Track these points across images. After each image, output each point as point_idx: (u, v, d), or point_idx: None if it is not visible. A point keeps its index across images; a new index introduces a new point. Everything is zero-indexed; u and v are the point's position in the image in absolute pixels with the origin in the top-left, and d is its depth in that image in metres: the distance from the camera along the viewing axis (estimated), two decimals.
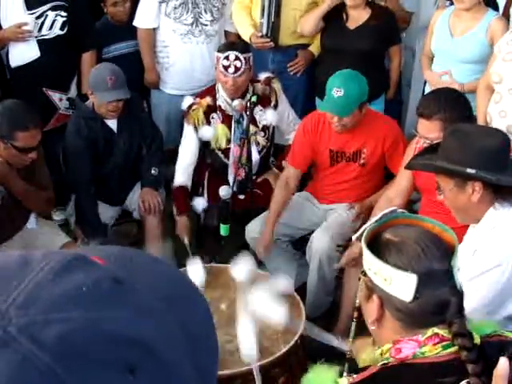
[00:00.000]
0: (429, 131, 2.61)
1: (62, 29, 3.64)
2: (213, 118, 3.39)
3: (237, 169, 3.33)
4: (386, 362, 1.29)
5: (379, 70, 3.81)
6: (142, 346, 0.45)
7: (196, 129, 3.38)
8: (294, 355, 2.32)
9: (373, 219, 1.37)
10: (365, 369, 1.30)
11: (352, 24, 3.66)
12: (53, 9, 3.60)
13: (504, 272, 1.95)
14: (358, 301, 1.38)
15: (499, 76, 2.97)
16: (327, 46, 3.78)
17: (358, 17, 3.64)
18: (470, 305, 1.89)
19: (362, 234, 1.35)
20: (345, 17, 3.66)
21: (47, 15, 3.60)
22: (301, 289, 3.08)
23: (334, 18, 3.68)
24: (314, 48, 3.90)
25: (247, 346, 2.01)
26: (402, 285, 1.25)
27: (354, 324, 1.49)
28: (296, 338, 2.34)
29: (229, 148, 3.43)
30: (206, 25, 3.81)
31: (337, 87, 2.92)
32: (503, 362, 1.16)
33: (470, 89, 3.22)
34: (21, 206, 3.04)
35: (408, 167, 2.40)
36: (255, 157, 3.41)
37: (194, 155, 3.44)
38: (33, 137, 2.86)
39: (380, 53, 3.80)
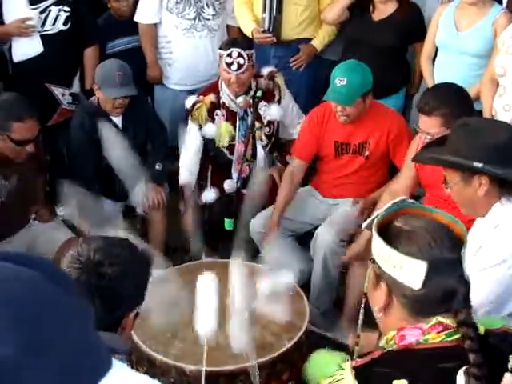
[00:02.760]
0: (430, 127, 2.59)
1: (65, 24, 3.63)
2: (217, 115, 3.36)
3: (241, 165, 3.32)
4: (390, 348, 1.31)
5: (400, 65, 3.76)
6: None
7: (200, 126, 3.36)
8: (297, 351, 2.31)
9: (383, 208, 1.38)
10: (369, 353, 1.31)
11: (377, 16, 3.63)
12: (56, 4, 3.59)
13: (510, 268, 1.93)
14: (365, 288, 1.39)
15: (503, 69, 2.95)
16: (349, 37, 3.74)
17: (383, 9, 3.62)
18: (475, 300, 1.87)
19: (371, 222, 1.35)
20: (371, 8, 3.64)
21: (50, 10, 3.59)
22: (305, 284, 3.07)
23: (360, 9, 3.66)
24: (317, 42, 3.87)
25: (238, 341, 2.00)
26: (411, 272, 1.26)
27: (361, 312, 1.49)
28: (300, 334, 2.33)
29: (233, 144, 3.41)
30: (209, 19, 3.79)
31: (340, 76, 2.95)
32: (508, 376, 1.18)
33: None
34: (25, 201, 3.03)
35: (415, 160, 2.38)
36: (260, 152, 3.40)
37: (198, 153, 3.42)
38: (29, 129, 2.82)
39: (402, 47, 3.73)
